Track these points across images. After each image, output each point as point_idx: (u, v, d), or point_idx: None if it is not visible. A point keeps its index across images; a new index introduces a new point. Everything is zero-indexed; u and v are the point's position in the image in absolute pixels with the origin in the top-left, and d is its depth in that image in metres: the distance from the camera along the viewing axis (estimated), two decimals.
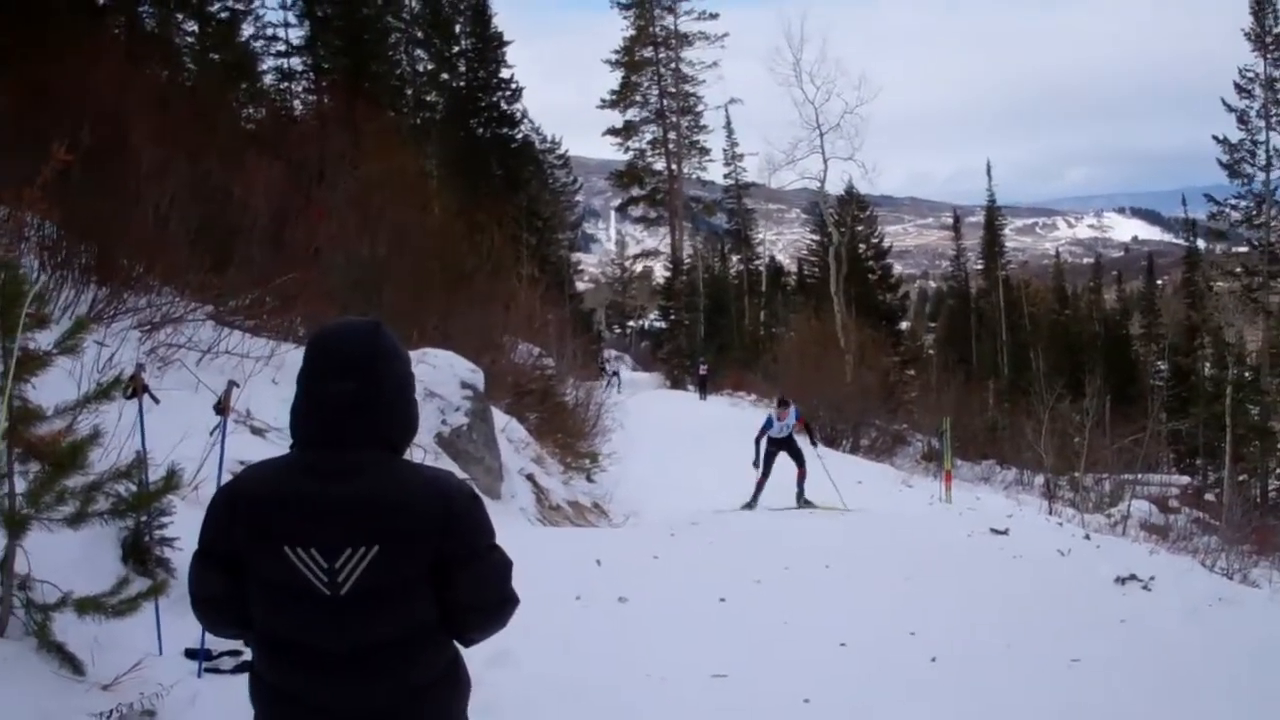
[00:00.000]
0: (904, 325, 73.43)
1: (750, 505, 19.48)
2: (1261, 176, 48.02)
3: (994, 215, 76.94)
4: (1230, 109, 47.96)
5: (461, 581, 2.92)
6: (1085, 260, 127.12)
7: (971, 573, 12.74)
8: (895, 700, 7.49)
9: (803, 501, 19.76)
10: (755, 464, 19.86)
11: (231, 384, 6.89)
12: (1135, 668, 8.50)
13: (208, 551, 2.97)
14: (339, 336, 2.96)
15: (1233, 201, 49.53)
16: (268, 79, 40.20)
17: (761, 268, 75.21)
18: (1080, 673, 8.25)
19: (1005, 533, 16.73)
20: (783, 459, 19.85)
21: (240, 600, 2.94)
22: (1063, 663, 8.43)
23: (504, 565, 3.05)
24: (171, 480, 5.81)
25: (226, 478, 7.00)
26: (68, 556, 5.83)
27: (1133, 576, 12.41)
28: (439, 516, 2.86)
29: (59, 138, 8.34)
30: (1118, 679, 8.10)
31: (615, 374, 50.06)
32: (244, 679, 6.06)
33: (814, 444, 21.83)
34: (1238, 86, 47.77)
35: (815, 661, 8.29)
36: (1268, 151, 47.70)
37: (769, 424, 20.17)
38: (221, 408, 6.70)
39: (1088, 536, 17.47)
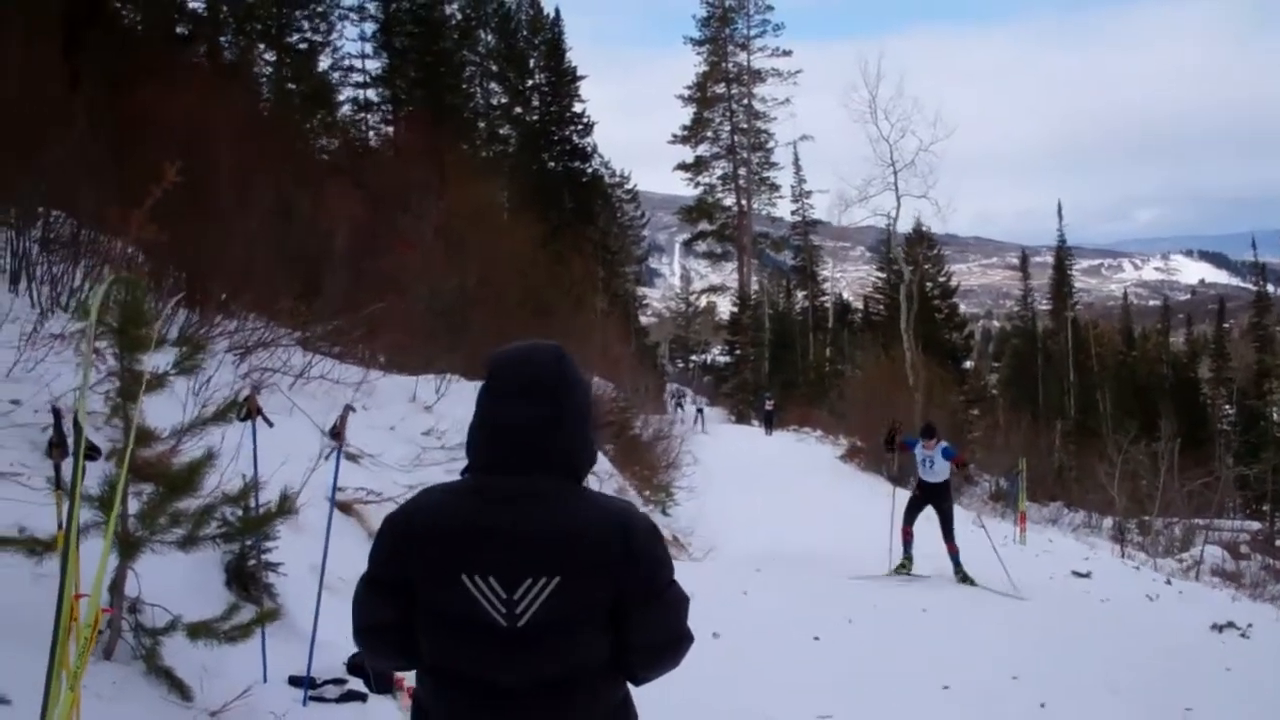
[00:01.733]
0: (968, 364, 72.76)
1: (905, 565, 15.16)
2: None
3: (1063, 255, 76.22)
4: None
5: (638, 617, 2.78)
6: (1151, 303, 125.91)
7: (1064, 616, 12.52)
8: None
9: (962, 576, 14.77)
10: (886, 444, 16.45)
11: (348, 408, 6.79)
12: (1249, 717, 8.25)
13: (378, 578, 2.83)
14: (523, 359, 2.84)
15: None
16: (344, 109, 40.60)
17: (828, 304, 74.85)
18: None
19: (1088, 576, 16.48)
20: (930, 514, 15.20)
21: (408, 630, 2.80)
22: (1176, 711, 8.18)
23: (681, 602, 2.90)
24: (284, 504, 5.74)
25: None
26: (174, 580, 5.77)
27: (1230, 624, 12.17)
28: (620, 549, 2.72)
29: (155, 164, 8.36)
30: None
31: (700, 411, 48.63)
32: (349, 708, 6.10)
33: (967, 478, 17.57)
34: None
35: (920, 705, 8.11)
36: None
37: (913, 444, 15.66)
38: (337, 433, 6.60)
39: (1169, 581, 17.22)
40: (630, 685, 2.95)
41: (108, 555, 4.28)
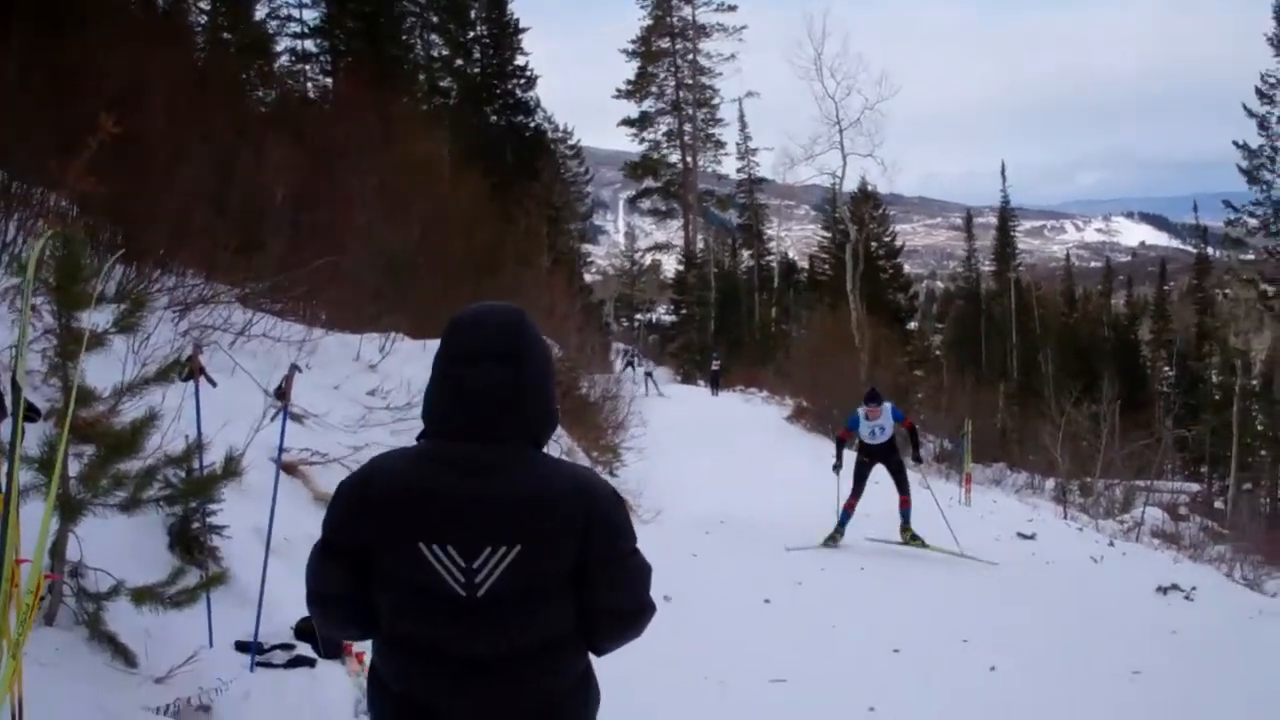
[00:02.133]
0: (913, 325, 73.07)
1: (835, 537, 14.75)
2: None
3: (1007, 217, 76.62)
4: (1251, 114, 47.64)
5: (601, 586, 2.73)
6: (1093, 264, 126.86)
7: (1009, 578, 12.57)
8: (962, 711, 7.27)
9: (909, 536, 14.53)
10: (836, 467, 15.15)
11: (294, 367, 6.63)
12: (1197, 680, 8.28)
13: (332, 545, 2.74)
14: (483, 321, 2.74)
15: (1250, 208, 49.18)
16: (282, 60, 40.02)
17: (774, 263, 74.92)
18: (1144, 685, 8.03)
19: (1032, 538, 16.59)
20: (880, 475, 15.12)
21: (364, 599, 2.72)
22: (1124, 674, 8.20)
23: (644, 570, 2.86)
24: (229, 466, 5.61)
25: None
26: (116, 544, 5.61)
27: (1174, 587, 12.27)
28: (582, 517, 2.65)
29: (89, 115, 8.14)
30: (1182, 691, 7.88)
31: (649, 374, 46.24)
32: (298, 674, 5.98)
33: (917, 457, 17.32)
34: (1259, 92, 47.46)
35: (872, 668, 8.12)
36: None
37: (854, 423, 15.19)
38: (283, 393, 6.45)
39: (1112, 543, 17.36)
40: (591, 656, 2.89)
41: (49, 519, 4.13)
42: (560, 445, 16.75)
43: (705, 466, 22.75)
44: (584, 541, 2.65)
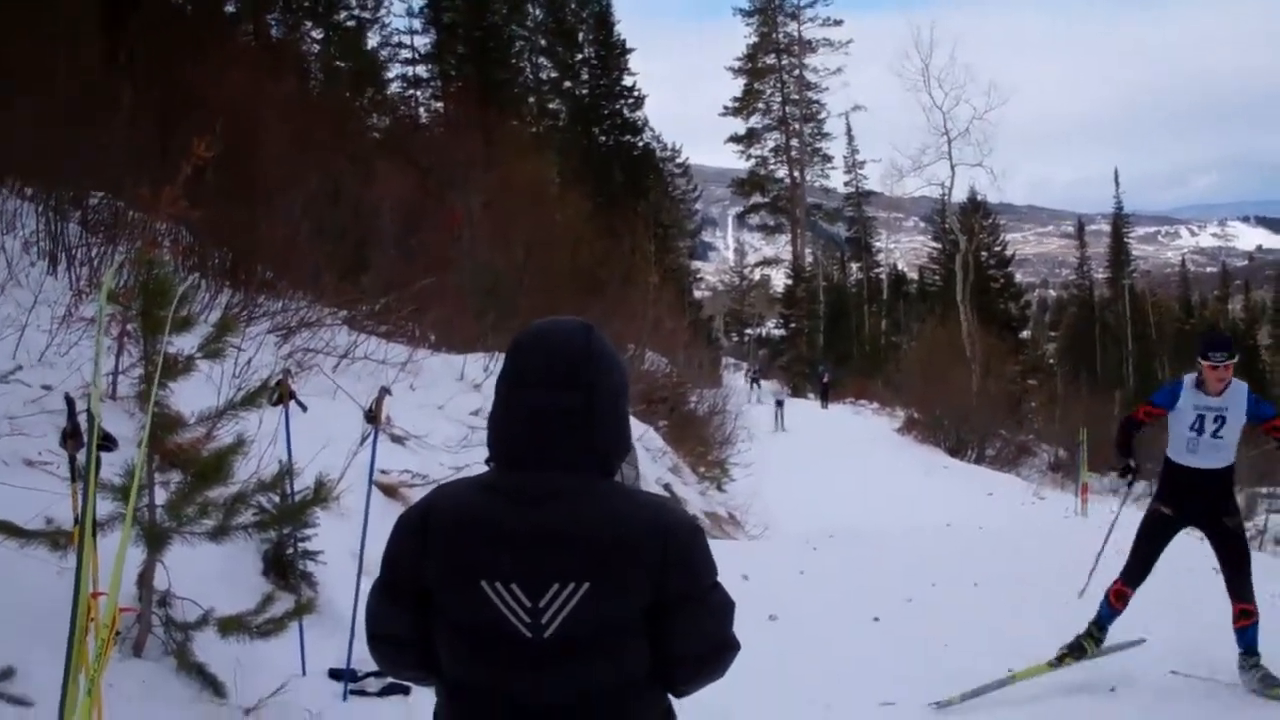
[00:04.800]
0: (1025, 334, 72.13)
1: (1083, 647, 7.96)
2: None
3: (1120, 223, 75.55)
4: None
5: (679, 625, 2.51)
6: (1209, 269, 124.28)
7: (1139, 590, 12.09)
8: None
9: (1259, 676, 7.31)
10: (1125, 471, 8.67)
11: (384, 390, 6.55)
12: None
13: (392, 584, 2.58)
14: (548, 339, 2.56)
15: None
16: (393, 86, 40.60)
17: (882, 275, 74.41)
18: None
19: None
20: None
21: (426, 639, 2.55)
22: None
23: (726, 607, 2.62)
24: (320, 491, 5.52)
25: (373, 489, 6.76)
26: (208, 571, 5.58)
27: None
28: (658, 552, 2.45)
29: (197, 139, 8.19)
30: None
31: (780, 403, 39.41)
32: (391, 702, 5.89)
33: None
34: None
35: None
36: None
37: (1170, 397, 7.85)
38: (373, 415, 6.37)
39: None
40: (671, 698, 2.67)
41: (125, 548, 4.07)
42: (666, 463, 16.64)
43: (814, 480, 22.52)
44: (661, 578, 2.45)
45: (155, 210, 8.21)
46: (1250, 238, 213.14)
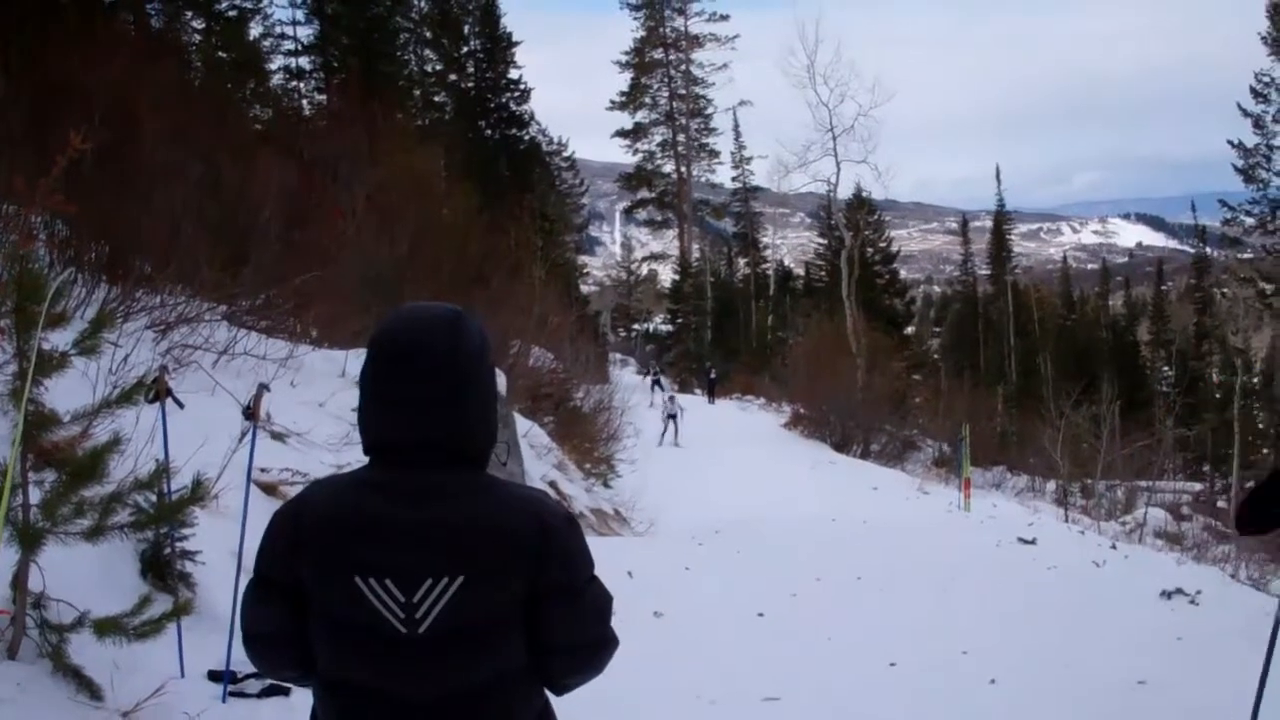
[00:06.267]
0: (910, 330, 73.05)
1: None
2: (1277, 182, 47.74)
3: (1002, 220, 76.78)
4: (1246, 113, 47.73)
5: (556, 618, 2.49)
6: (1090, 266, 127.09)
7: (1010, 585, 12.36)
8: None
9: None
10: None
11: (262, 387, 6.47)
12: (1204, 688, 8.06)
13: (266, 581, 2.52)
14: (413, 329, 2.47)
15: (1247, 207, 49.17)
16: (276, 78, 40.07)
17: (769, 271, 74.91)
18: (1149, 695, 7.82)
19: (1033, 543, 16.39)
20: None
21: (301, 637, 2.49)
22: (1129, 684, 8.00)
23: (604, 600, 2.60)
24: (198, 490, 5.45)
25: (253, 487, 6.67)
26: (84, 572, 5.47)
27: (1179, 591, 12.05)
28: (534, 544, 2.42)
29: (73, 130, 8.01)
30: (1189, 701, 7.66)
31: (672, 398, 36.05)
32: (271, 703, 5.81)
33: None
34: (1254, 91, 47.53)
35: (868, 683, 7.91)
36: None
37: None
38: (251, 412, 6.28)
39: (1114, 546, 17.17)
40: (551, 696, 2.65)
41: None
42: (551, 459, 16.60)
43: (700, 475, 22.63)
44: (536, 570, 2.42)
45: (30, 204, 8.01)
46: (1131, 234, 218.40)
